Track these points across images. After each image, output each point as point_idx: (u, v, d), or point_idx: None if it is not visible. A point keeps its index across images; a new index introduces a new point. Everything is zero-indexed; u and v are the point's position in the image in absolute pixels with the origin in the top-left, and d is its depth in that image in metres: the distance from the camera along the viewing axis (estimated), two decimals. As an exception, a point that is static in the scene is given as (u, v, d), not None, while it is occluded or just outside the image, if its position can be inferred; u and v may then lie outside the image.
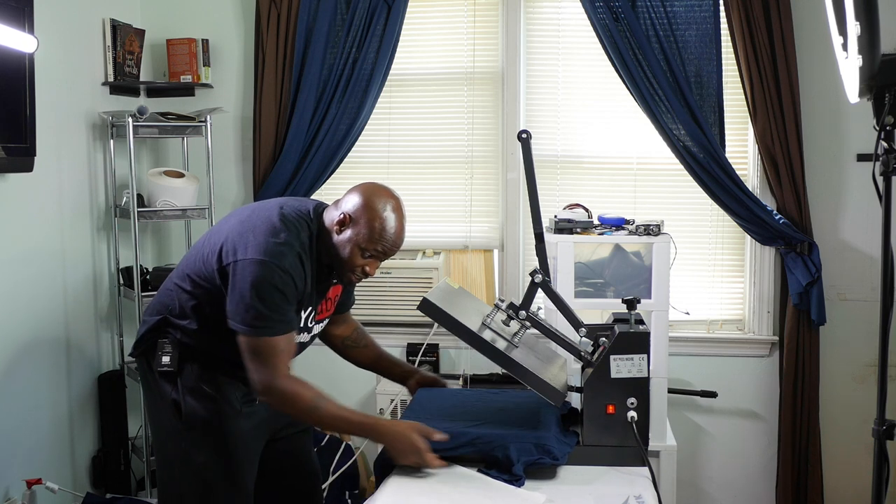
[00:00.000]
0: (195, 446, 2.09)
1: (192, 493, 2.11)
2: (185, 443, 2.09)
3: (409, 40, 3.55)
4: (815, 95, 3.28)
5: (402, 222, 2.06)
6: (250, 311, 1.93)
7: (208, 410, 2.09)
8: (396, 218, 2.04)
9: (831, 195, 3.34)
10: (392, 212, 2.04)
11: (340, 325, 2.39)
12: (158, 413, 2.16)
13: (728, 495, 3.54)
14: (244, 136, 3.69)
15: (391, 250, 2.06)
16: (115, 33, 3.43)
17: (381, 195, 2.05)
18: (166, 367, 2.10)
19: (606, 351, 2.04)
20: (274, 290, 1.92)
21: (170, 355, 2.10)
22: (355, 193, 2.05)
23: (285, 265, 1.93)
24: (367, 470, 3.55)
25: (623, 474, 1.99)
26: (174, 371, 2.09)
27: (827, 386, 3.35)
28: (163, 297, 2.16)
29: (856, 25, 1.75)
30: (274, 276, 1.92)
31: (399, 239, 2.06)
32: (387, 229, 2.02)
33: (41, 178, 3.05)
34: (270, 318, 1.93)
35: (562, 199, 3.40)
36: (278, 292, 1.93)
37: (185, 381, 2.09)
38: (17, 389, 3.00)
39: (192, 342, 2.10)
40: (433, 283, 3.49)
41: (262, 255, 1.93)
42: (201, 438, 2.09)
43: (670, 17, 3.27)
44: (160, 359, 2.11)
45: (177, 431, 2.10)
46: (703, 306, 3.53)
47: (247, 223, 2.02)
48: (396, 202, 2.07)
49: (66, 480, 3.24)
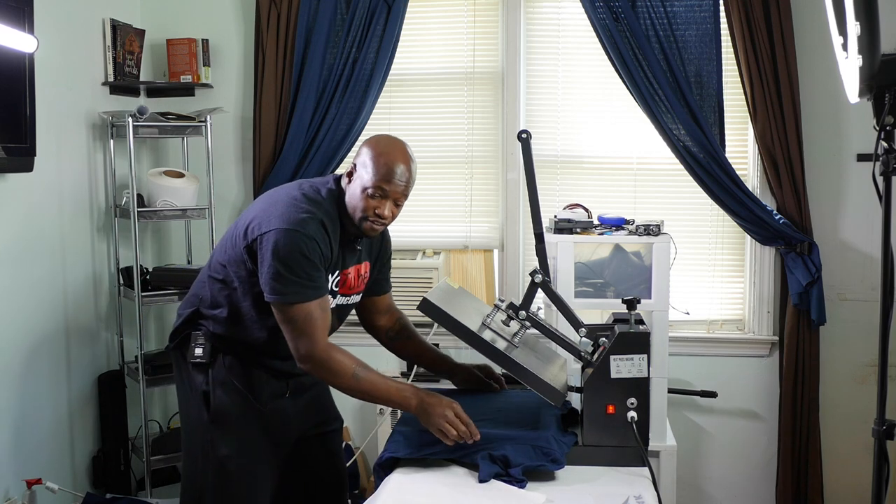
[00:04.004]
0: (219, 439, 2.11)
1: (212, 485, 2.13)
2: (210, 435, 2.12)
3: (409, 40, 3.55)
4: (815, 95, 3.28)
5: (405, 157, 2.06)
6: (279, 280, 1.96)
7: (236, 405, 2.11)
8: (397, 152, 2.05)
9: (831, 195, 3.34)
10: (391, 147, 2.06)
11: (383, 314, 2.39)
12: (188, 404, 2.19)
13: (728, 495, 3.54)
14: (244, 136, 3.69)
15: (398, 187, 2.05)
16: (115, 33, 3.43)
17: (381, 138, 2.11)
18: (199, 358, 2.12)
19: (606, 351, 2.04)
20: (300, 256, 1.95)
21: (202, 347, 2.13)
22: (361, 146, 2.10)
23: (309, 231, 1.97)
24: (367, 470, 3.55)
25: (623, 474, 1.99)
26: (206, 363, 2.12)
27: (827, 386, 3.35)
28: (196, 289, 2.20)
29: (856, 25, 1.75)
30: (299, 243, 1.95)
31: (402, 173, 2.05)
32: (388, 164, 2.03)
33: (41, 178, 3.05)
34: (300, 284, 1.96)
35: (562, 199, 3.40)
36: (305, 258, 1.96)
37: (217, 374, 2.12)
38: (17, 389, 3.00)
39: (223, 332, 2.12)
40: (433, 283, 3.49)
41: (285, 225, 1.96)
42: (226, 432, 2.11)
43: (670, 17, 3.27)
44: (193, 350, 2.13)
45: (203, 423, 2.13)
46: (703, 306, 3.53)
47: (269, 202, 2.06)
48: (397, 140, 2.09)
49: (66, 480, 3.24)
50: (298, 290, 1.96)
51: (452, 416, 1.95)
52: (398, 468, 2.00)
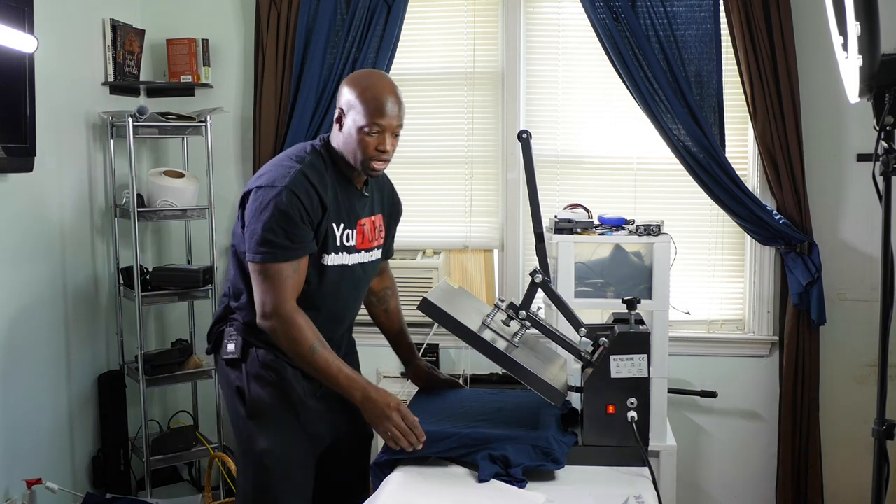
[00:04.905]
0: (258, 433, 2.08)
1: (251, 479, 2.11)
2: (248, 430, 2.09)
3: (409, 40, 3.55)
4: (815, 95, 3.28)
5: (391, 87, 2.04)
6: (254, 238, 1.95)
7: (272, 397, 2.08)
8: (382, 85, 2.03)
9: (831, 195, 3.34)
10: (374, 81, 2.04)
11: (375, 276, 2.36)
12: (228, 402, 2.17)
13: (728, 495, 3.54)
14: (244, 136, 3.69)
15: (392, 119, 2.03)
16: (115, 33, 3.43)
17: (359, 75, 2.09)
18: (231, 354, 2.10)
19: (606, 351, 2.03)
20: (279, 213, 1.93)
21: (234, 342, 2.10)
22: (341, 87, 2.06)
23: (287, 183, 1.95)
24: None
25: (623, 474, 1.99)
26: (238, 358, 2.09)
27: (827, 386, 3.35)
28: (224, 287, 2.21)
29: (856, 25, 1.75)
30: (278, 198, 1.93)
31: (393, 104, 2.02)
32: (377, 98, 2.00)
33: (41, 178, 3.05)
34: (274, 244, 1.94)
35: (562, 199, 3.40)
36: (282, 215, 1.93)
37: (250, 368, 2.09)
38: (17, 389, 3.00)
39: (249, 319, 2.08)
40: (433, 283, 3.49)
41: (264, 182, 1.97)
42: (264, 425, 2.08)
43: (670, 17, 3.27)
44: (226, 346, 2.12)
45: (242, 419, 2.11)
46: (703, 306, 3.53)
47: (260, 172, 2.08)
48: (375, 72, 2.11)
49: (66, 480, 3.24)
50: (271, 251, 1.94)
51: (398, 420, 1.95)
52: (398, 468, 2.00)
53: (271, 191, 1.95)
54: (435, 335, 3.51)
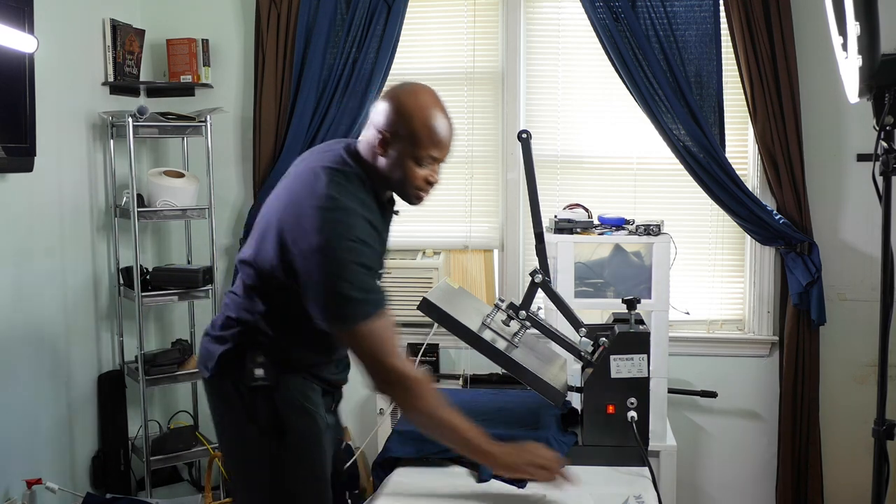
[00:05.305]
0: (291, 470, 1.86)
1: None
2: (280, 467, 1.85)
3: (409, 40, 3.55)
4: (815, 95, 3.27)
5: (446, 112, 1.83)
6: (334, 301, 1.68)
7: (307, 427, 1.88)
8: (439, 111, 1.81)
9: (831, 195, 3.34)
10: (432, 106, 1.80)
11: None
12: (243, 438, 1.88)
13: (728, 495, 3.54)
14: (244, 136, 3.69)
15: (447, 148, 1.83)
16: (115, 33, 3.43)
17: (411, 93, 1.82)
18: (261, 380, 1.82)
19: (606, 351, 2.04)
20: (350, 266, 1.67)
21: (262, 366, 1.82)
22: (383, 103, 1.81)
23: (353, 235, 1.69)
24: (367, 470, 3.55)
25: (623, 474, 2.00)
26: (270, 385, 1.82)
27: (827, 386, 3.35)
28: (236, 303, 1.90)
29: (856, 25, 1.75)
30: (345, 253, 1.67)
31: (450, 133, 1.83)
32: (435, 128, 1.78)
33: (41, 178, 3.05)
34: (358, 301, 1.68)
35: (562, 199, 3.40)
36: (355, 266, 1.68)
37: (284, 395, 1.85)
38: (17, 389, 3.00)
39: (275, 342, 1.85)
40: (433, 283, 3.49)
41: (324, 236, 1.67)
42: (299, 461, 1.87)
43: (670, 17, 3.27)
44: (251, 372, 1.82)
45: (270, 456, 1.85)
46: (703, 306, 3.53)
47: (294, 205, 1.75)
48: (431, 94, 1.84)
49: (66, 480, 3.24)
50: (359, 309, 1.68)
51: (541, 450, 1.83)
52: (398, 468, 2.00)
53: (334, 247, 1.67)
54: (435, 335, 3.51)
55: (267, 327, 1.84)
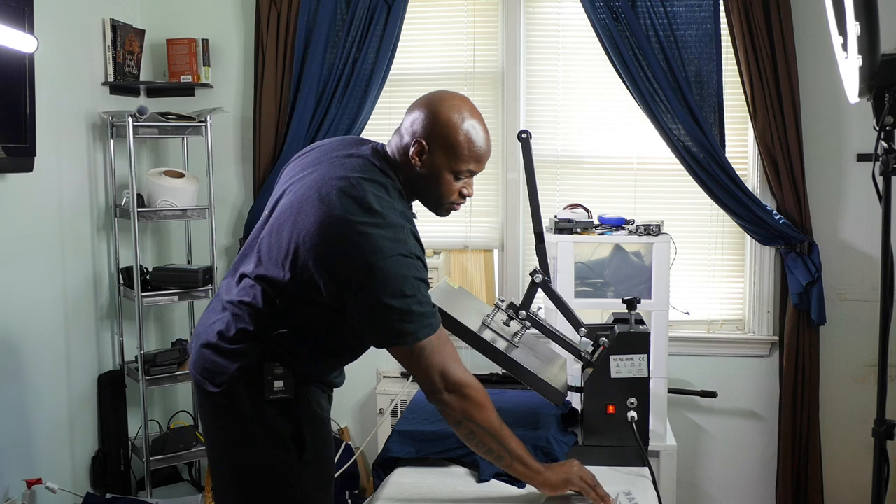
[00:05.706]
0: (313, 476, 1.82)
1: None
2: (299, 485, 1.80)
3: (409, 40, 3.56)
4: (815, 95, 3.28)
5: (484, 125, 1.80)
6: (394, 318, 1.62)
7: (324, 440, 1.85)
8: (479, 123, 1.78)
9: (831, 195, 3.34)
10: (471, 118, 1.77)
11: None
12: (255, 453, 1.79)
13: (728, 495, 3.54)
14: (244, 136, 3.69)
15: (485, 161, 1.82)
16: (115, 33, 3.43)
17: (453, 106, 1.77)
18: (281, 393, 1.75)
19: (606, 351, 2.04)
20: (410, 281, 1.63)
21: (283, 378, 1.75)
22: (420, 111, 1.78)
23: (407, 251, 1.64)
24: (367, 470, 3.55)
25: (623, 474, 2.00)
26: (291, 398, 1.76)
27: (827, 386, 3.35)
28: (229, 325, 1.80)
29: (856, 25, 1.75)
30: (403, 269, 1.62)
31: (489, 146, 1.81)
32: (474, 142, 1.76)
33: (41, 178, 3.05)
34: (420, 314, 1.64)
35: (562, 199, 3.40)
36: (414, 280, 1.64)
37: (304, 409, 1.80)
38: (17, 389, 3.00)
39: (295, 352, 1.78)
40: (433, 283, 3.49)
41: (379, 256, 1.60)
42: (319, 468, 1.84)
43: (670, 17, 3.27)
44: (271, 385, 1.75)
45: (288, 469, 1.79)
46: (703, 306, 3.53)
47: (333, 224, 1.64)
48: (471, 105, 1.80)
49: (65, 480, 3.24)
50: (423, 321, 1.65)
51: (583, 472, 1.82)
52: (398, 468, 2.00)
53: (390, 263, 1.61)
54: (435, 335, 3.51)
55: (290, 341, 1.76)
